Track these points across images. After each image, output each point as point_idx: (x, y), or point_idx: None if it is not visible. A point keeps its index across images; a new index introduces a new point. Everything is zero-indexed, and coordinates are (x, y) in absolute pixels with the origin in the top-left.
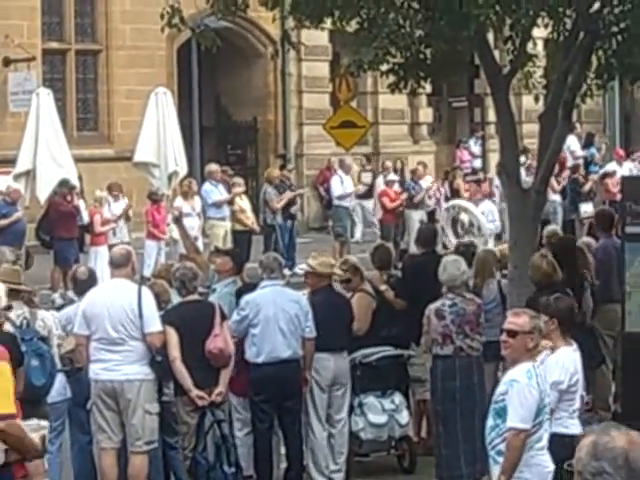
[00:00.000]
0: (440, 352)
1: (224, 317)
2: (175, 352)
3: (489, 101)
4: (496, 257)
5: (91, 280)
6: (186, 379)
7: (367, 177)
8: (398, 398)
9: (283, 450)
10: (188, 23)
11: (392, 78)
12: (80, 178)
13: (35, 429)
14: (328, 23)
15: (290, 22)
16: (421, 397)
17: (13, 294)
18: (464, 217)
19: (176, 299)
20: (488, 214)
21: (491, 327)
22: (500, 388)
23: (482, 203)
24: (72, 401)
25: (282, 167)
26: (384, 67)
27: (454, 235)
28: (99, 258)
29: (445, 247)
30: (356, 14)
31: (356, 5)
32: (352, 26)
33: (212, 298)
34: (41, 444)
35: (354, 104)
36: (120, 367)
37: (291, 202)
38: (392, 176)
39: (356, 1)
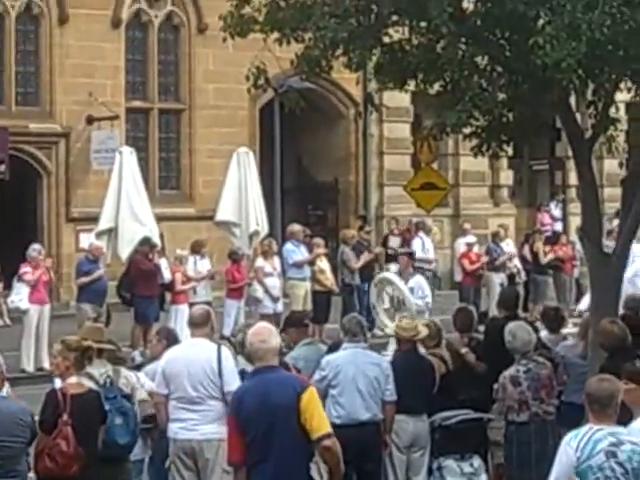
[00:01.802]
0: (516, 419)
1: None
2: None
3: (570, 164)
4: None
5: (170, 339)
6: None
7: (395, 241)
8: (477, 461)
9: None
10: (272, 83)
11: (475, 141)
12: (162, 236)
13: None
14: (411, 85)
15: (373, 84)
16: (500, 461)
17: (96, 352)
18: (389, 290)
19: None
20: (418, 290)
21: None
22: None
23: (412, 278)
24: (151, 459)
25: (361, 228)
26: (467, 130)
27: (384, 312)
28: (179, 317)
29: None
30: (439, 77)
31: (439, 68)
32: (435, 88)
33: (288, 358)
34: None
35: (435, 166)
36: (199, 426)
37: (371, 263)
38: (470, 238)
39: (439, 64)
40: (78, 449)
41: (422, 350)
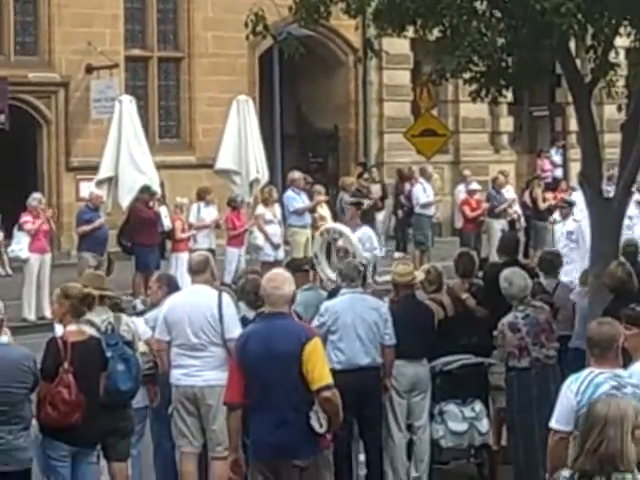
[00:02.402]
0: (517, 365)
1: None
2: None
3: (570, 110)
4: None
5: (171, 286)
6: None
7: (376, 189)
8: (478, 406)
9: (362, 457)
10: (271, 31)
11: (474, 86)
12: (162, 185)
13: None
14: (410, 31)
15: (372, 30)
16: (501, 405)
17: (97, 300)
18: (340, 243)
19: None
20: (366, 241)
21: None
22: None
23: (360, 229)
24: (157, 405)
25: (360, 175)
26: (466, 75)
27: (327, 262)
28: (180, 264)
29: (321, 280)
30: (438, 22)
31: (438, 13)
32: (434, 34)
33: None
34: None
35: (435, 112)
36: (201, 373)
37: (371, 209)
38: (474, 185)
39: (438, 9)
40: (80, 396)
41: (422, 295)
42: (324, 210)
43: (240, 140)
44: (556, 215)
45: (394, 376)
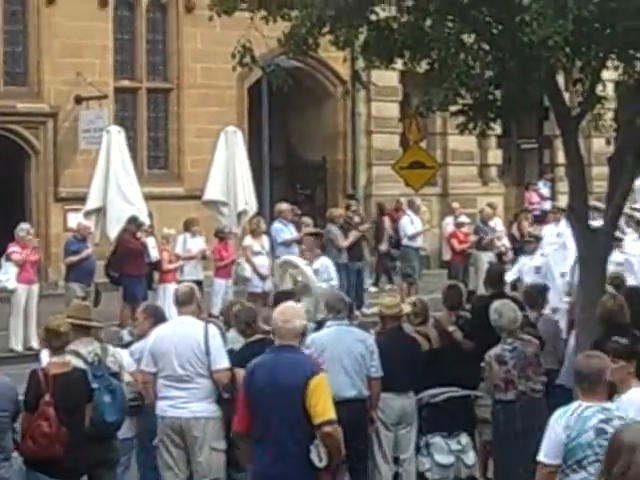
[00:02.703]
0: (503, 397)
1: None
2: None
3: (558, 143)
4: None
5: (157, 317)
6: None
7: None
8: (465, 439)
9: None
10: (259, 62)
11: (461, 119)
12: (150, 215)
13: None
14: (399, 63)
15: (360, 63)
16: (488, 438)
17: (83, 331)
18: (294, 273)
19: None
20: (323, 272)
21: None
22: None
23: (318, 260)
24: (139, 438)
25: (347, 207)
26: (453, 108)
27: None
28: (167, 295)
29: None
30: (426, 55)
31: (426, 46)
32: (422, 67)
33: None
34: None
35: (423, 145)
36: (187, 404)
37: (359, 241)
38: (462, 218)
39: (426, 42)
40: (60, 429)
41: (408, 327)
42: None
43: (228, 171)
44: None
45: (381, 408)
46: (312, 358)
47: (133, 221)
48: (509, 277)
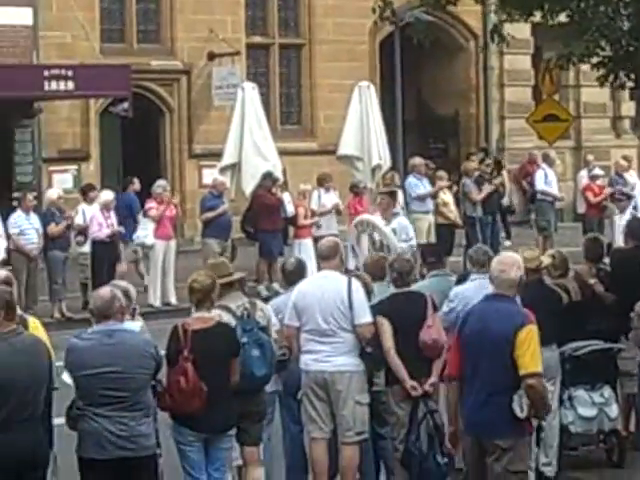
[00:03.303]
0: None
1: (435, 308)
2: (389, 343)
3: None
4: None
5: (300, 271)
6: (400, 369)
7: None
8: (607, 392)
9: None
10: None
11: (601, 71)
12: (284, 171)
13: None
14: (537, 16)
15: (493, 16)
16: (630, 391)
17: (227, 286)
18: (375, 236)
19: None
20: (401, 232)
21: None
22: None
23: (395, 219)
24: (283, 391)
25: (482, 161)
26: (593, 60)
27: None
28: (303, 250)
29: (356, 268)
30: (566, 7)
31: None
32: (561, 19)
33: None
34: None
35: (556, 98)
36: (331, 358)
37: (492, 194)
38: (597, 170)
39: None
40: (198, 385)
41: (548, 280)
42: (447, 196)
43: (362, 126)
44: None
45: None
46: (524, 309)
47: (268, 177)
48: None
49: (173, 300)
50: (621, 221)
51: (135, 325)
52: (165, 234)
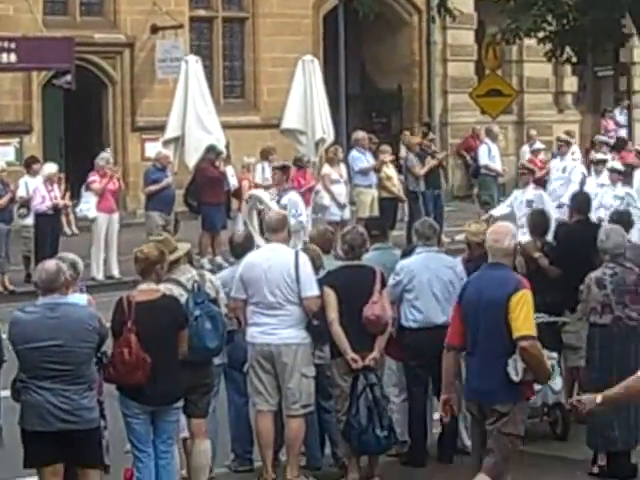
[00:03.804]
0: (598, 321)
1: (384, 284)
2: (333, 314)
3: (635, 70)
4: None
5: (248, 244)
6: (343, 341)
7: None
8: (551, 364)
9: (437, 415)
10: None
11: (548, 46)
12: (227, 145)
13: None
14: None
15: None
16: (574, 364)
17: (174, 262)
18: (260, 208)
19: (331, 264)
20: (292, 207)
21: None
22: None
23: (286, 194)
24: (229, 364)
25: (424, 135)
26: (540, 35)
27: (259, 228)
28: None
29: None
30: None
31: None
32: None
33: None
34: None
35: (499, 73)
36: (277, 331)
37: (436, 169)
38: (538, 145)
39: None
40: (141, 357)
41: None
42: (390, 170)
43: (306, 100)
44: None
45: None
46: (519, 276)
47: (212, 150)
48: (499, 211)
49: (116, 273)
50: (523, 197)
51: (81, 298)
52: (108, 207)
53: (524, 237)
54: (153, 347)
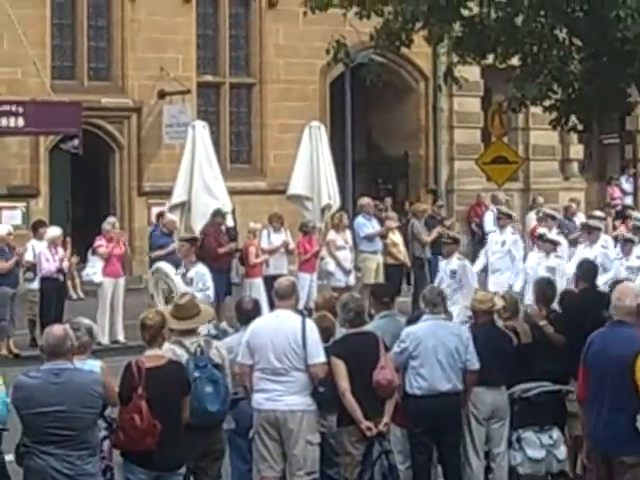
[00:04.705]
0: None
1: (387, 348)
2: (345, 384)
3: None
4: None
5: (255, 310)
6: (356, 410)
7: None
8: (556, 433)
9: None
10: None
11: (554, 114)
12: (234, 211)
13: None
14: (490, 59)
15: (443, 58)
16: (578, 433)
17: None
18: (161, 282)
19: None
20: (198, 281)
21: None
22: None
23: (193, 268)
24: (234, 429)
25: (434, 202)
26: (546, 103)
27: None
28: (254, 290)
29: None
30: (519, 50)
31: (520, 41)
32: (514, 62)
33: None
34: None
35: (505, 140)
36: (283, 397)
37: (442, 236)
38: (547, 210)
39: (519, 37)
40: (152, 423)
41: (497, 321)
42: (396, 236)
43: (312, 166)
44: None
45: (473, 403)
46: None
47: (218, 213)
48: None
49: (121, 338)
50: (447, 267)
51: (95, 364)
52: (114, 272)
53: (454, 307)
54: (161, 413)
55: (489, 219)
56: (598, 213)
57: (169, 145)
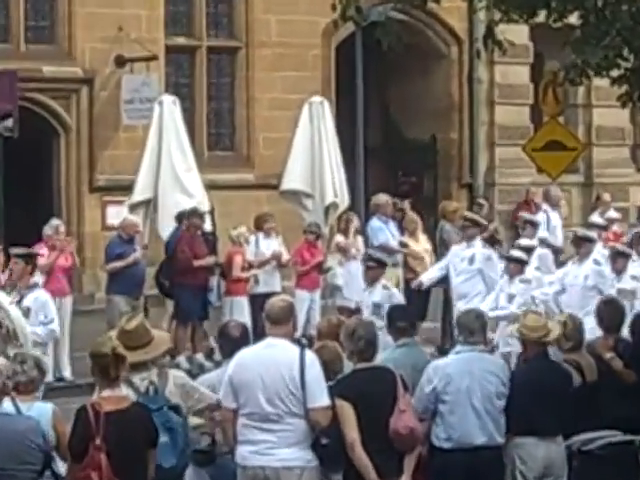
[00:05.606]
0: None
1: (406, 388)
2: (354, 433)
3: None
4: None
5: (244, 338)
6: (369, 469)
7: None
8: None
9: None
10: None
11: (624, 87)
12: (212, 211)
13: None
14: (542, 16)
15: (481, 15)
16: None
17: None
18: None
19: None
20: (39, 311)
21: None
22: None
23: (31, 294)
24: None
25: (471, 200)
26: (614, 73)
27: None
28: (236, 311)
29: None
30: (579, 6)
31: None
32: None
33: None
34: None
35: (562, 120)
36: (275, 451)
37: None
38: (612, 213)
39: None
40: None
41: (557, 354)
42: (420, 245)
43: (313, 154)
44: None
45: (521, 458)
46: None
47: (193, 214)
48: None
49: (67, 374)
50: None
51: (45, 407)
52: (58, 289)
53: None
54: (123, 469)
55: (541, 221)
56: (595, 219)
57: (129, 126)
